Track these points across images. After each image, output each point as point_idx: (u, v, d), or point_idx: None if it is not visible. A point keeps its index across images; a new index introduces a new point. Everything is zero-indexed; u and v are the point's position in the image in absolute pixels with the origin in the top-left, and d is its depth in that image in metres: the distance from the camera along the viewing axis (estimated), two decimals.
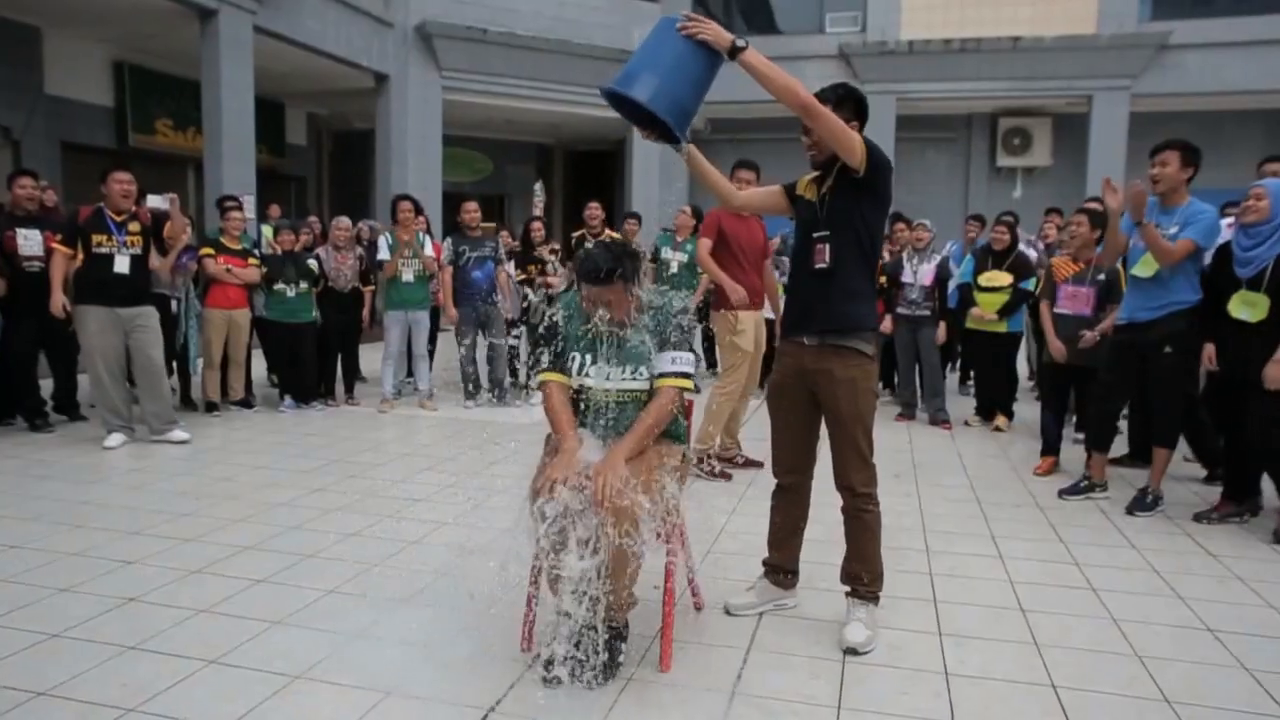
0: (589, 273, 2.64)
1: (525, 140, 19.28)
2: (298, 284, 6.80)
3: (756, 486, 4.92)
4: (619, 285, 2.64)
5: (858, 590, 2.99)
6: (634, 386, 2.75)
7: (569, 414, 2.76)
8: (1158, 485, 4.60)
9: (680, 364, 2.73)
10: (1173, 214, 4.40)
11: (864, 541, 2.99)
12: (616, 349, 2.74)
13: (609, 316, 2.67)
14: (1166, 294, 4.40)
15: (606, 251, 2.66)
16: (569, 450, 2.64)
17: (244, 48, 10.67)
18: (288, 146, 15.70)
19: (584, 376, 2.76)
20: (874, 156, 2.81)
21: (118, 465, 5.16)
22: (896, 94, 14.88)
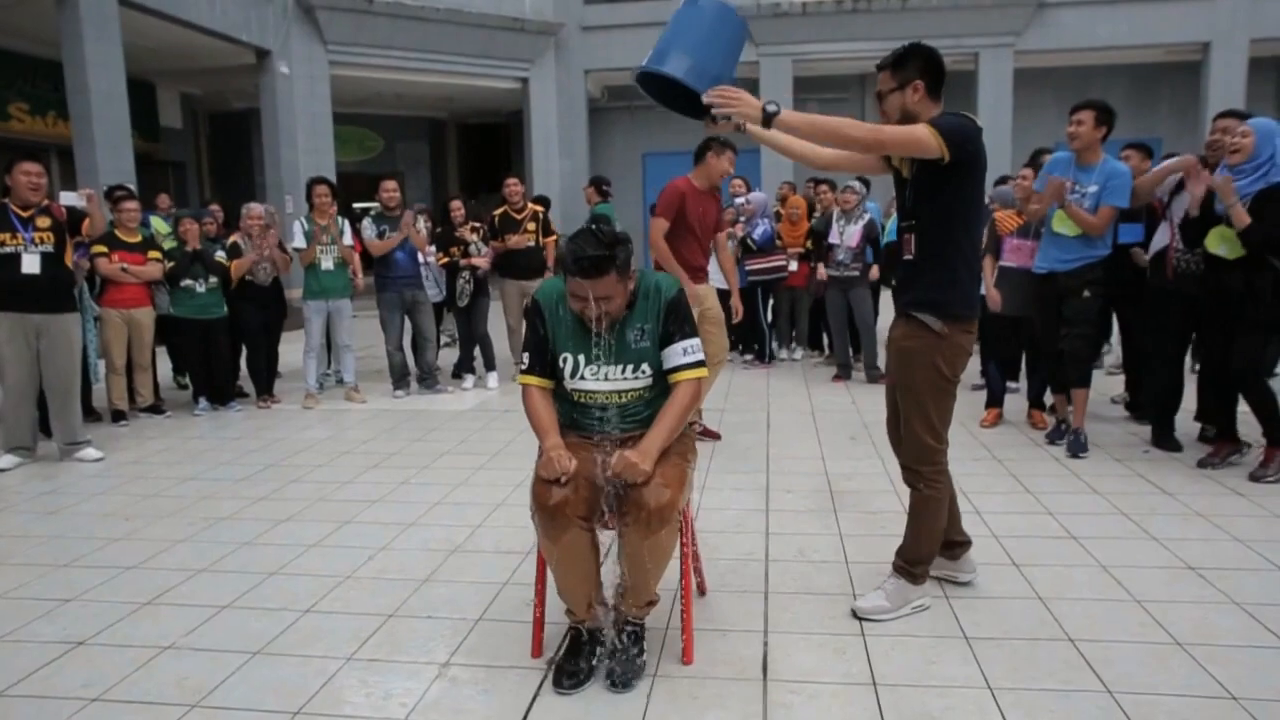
0: (580, 265, 2.35)
1: (417, 115, 18.65)
2: (207, 279, 6.32)
3: (720, 459, 4.86)
4: (613, 277, 2.38)
5: (895, 562, 2.93)
6: (635, 385, 2.56)
7: (550, 415, 2.59)
8: (1081, 423, 4.78)
9: (692, 353, 2.54)
10: (1090, 172, 4.61)
11: (911, 518, 2.91)
12: (611, 346, 2.52)
13: (602, 313, 2.43)
14: (1088, 248, 4.67)
15: (595, 239, 2.37)
16: (552, 446, 2.48)
17: (110, 22, 9.85)
18: (162, 130, 14.71)
19: (579, 380, 2.56)
20: (953, 138, 2.59)
21: (24, 489, 4.68)
22: (792, 56, 14.98)
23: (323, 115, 13.68)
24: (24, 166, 4.96)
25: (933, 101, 2.75)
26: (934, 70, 2.75)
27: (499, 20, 14.54)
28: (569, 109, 15.83)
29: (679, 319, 2.55)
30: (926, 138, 2.59)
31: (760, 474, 4.56)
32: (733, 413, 6.10)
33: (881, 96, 2.82)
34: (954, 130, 2.61)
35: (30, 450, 5.16)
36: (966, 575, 3.05)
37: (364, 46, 13.72)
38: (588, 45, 15.59)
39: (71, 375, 5.16)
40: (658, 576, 2.52)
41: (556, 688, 2.45)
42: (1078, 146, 4.61)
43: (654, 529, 2.39)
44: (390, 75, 14.61)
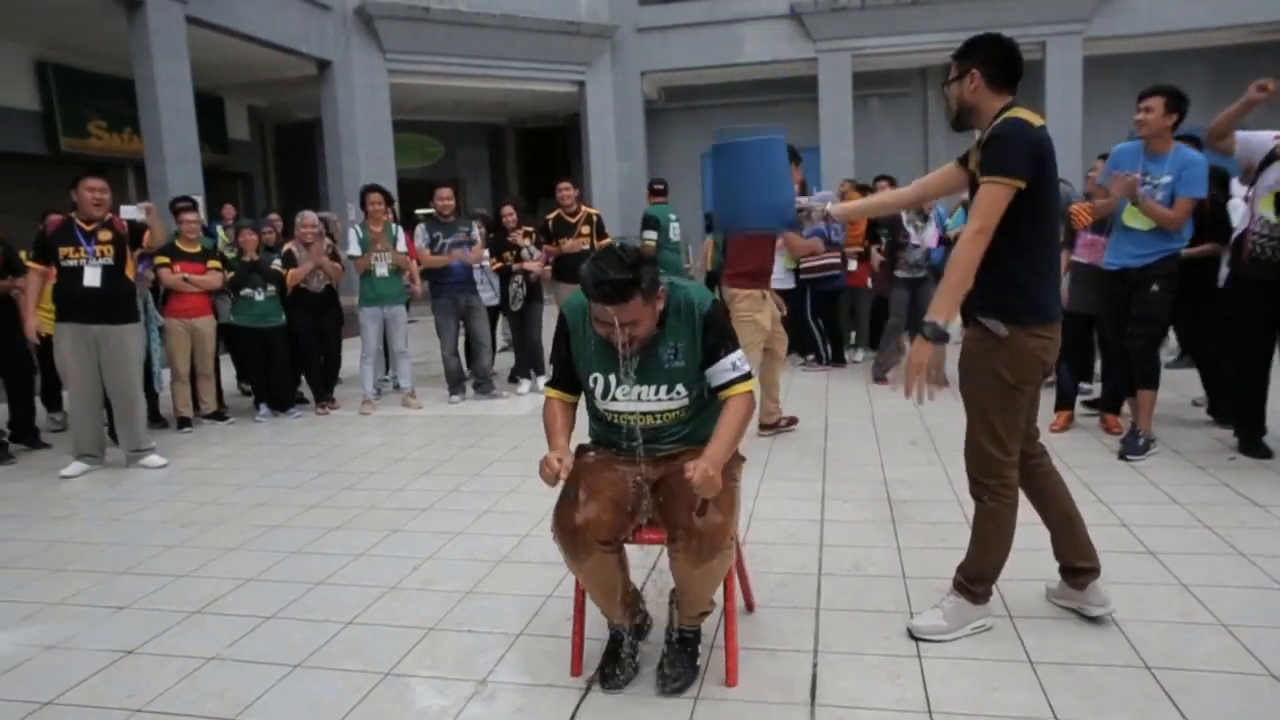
0: (601, 290, 2.20)
1: (475, 121, 18.79)
2: (265, 287, 6.42)
3: (775, 467, 4.73)
4: (638, 301, 2.23)
5: (955, 579, 2.77)
6: (670, 406, 2.44)
7: (562, 423, 2.52)
8: (1148, 427, 4.53)
9: (740, 367, 2.41)
10: (1161, 162, 4.40)
11: (974, 532, 2.74)
12: (641, 365, 2.39)
13: (629, 339, 2.29)
14: (1162, 242, 4.45)
15: (617, 260, 2.21)
16: (553, 449, 2.42)
17: (177, 40, 10.12)
18: (230, 142, 15.09)
19: (611, 401, 2.45)
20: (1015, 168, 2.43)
21: (91, 497, 4.80)
22: (851, 51, 14.68)
23: (383, 123, 13.88)
24: (88, 183, 5.09)
25: (995, 93, 2.57)
26: (996, 60, 2.56)
27: (554, 24, 14.57)
28: (626, 111, 15.78)
29: (719, 333, 2.40)
30: (999, 195, 2.43)
31: (815, 482, 4.41)
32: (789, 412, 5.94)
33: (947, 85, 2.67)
34: (1010, 159, 2.43)
35: (97, 457, 5.29)
36: (1098, 608, 2.71)
37: (422, 54, 13.87)
38: (643, 47, 15.53)
39: (132, 384, 5.27)
40: (712, 591, 2.44)
41: (603, 687, 2.46)
42: (1145, 134, 4.41)
43: (705, 557, 2.30)
44: (448, 82, 14.74)
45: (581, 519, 2.30)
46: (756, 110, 16.28)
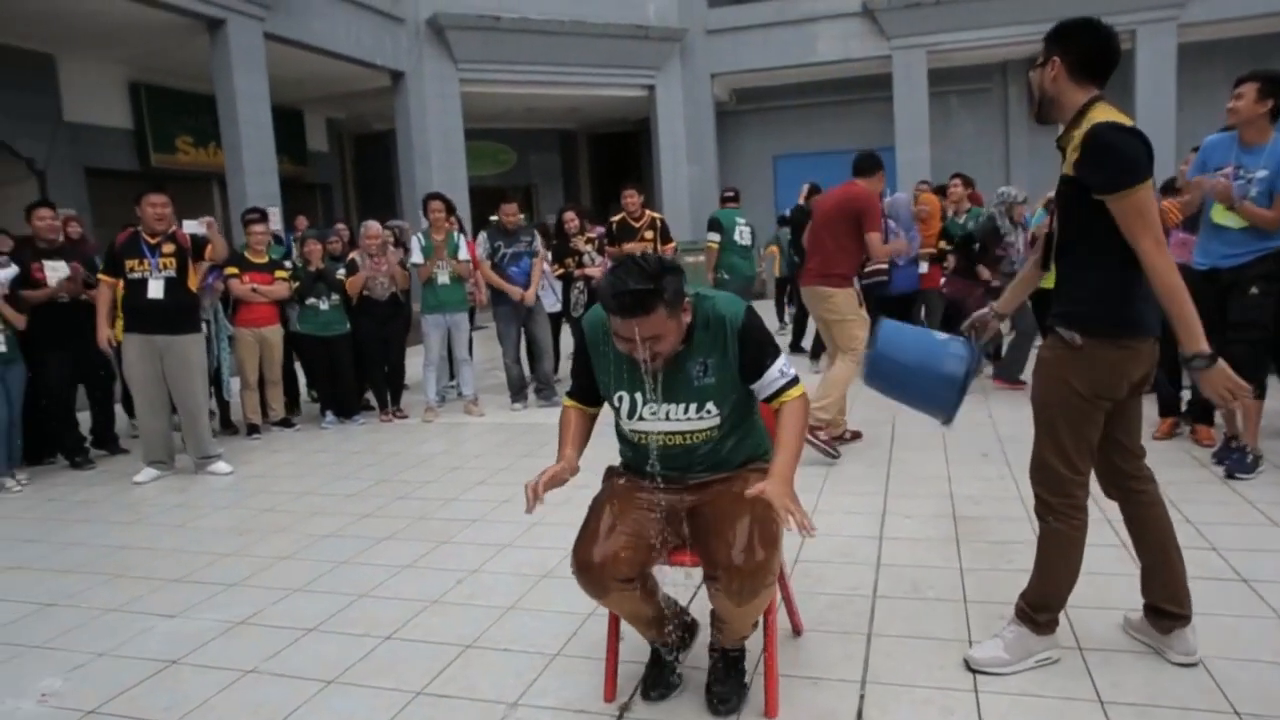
0: (620, 302, 2.01)
1: (547, 127, 18.93)
2: (329, 296, 6.52)
3: (835, 479, 4.55)
4: (661, 314, 2.04)
5: (1017, 604, 2.58)
6: (701, 426, 2.27)
7: (575, 432, 2.39)
8: (1255, 442, 4.20)
9: (788, 371, 2.25)
10: (1257, 154, 4.13)
11: (1037, 555, 2.54)
12: (668, 383, 2.22)
13: (652, 355, 2.11)
14: (1257, 240, 4.15)
15: (638, 270, 2.02)
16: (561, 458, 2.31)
17: (256, 56, 10.43)
18: (309, 154, 15.51)
19: (638, 420, 2.28)
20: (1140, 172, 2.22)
21: (159, 502, 4.92)
22: (927, 47, 14.27)
23: (455, 132, 14.07)
24: (150, 199, 5.25)
25: (1077, 85, 2.36)
26: (1081, 48, 2.34)
27: (623, 29, 14.57)
28: (696, 114, 15.67)
29: (758, 344, 2.23)
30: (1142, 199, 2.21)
31: (877, 496, 4.22)
32: (854, 423, 5.74)
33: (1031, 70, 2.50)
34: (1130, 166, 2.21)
35: (167, 464, 5.43)
36: (1181, 656, 2.47)
37: (493, 63, 14.02)
38: (713, 49, 15.40)
39: (194, 393, 5.39)
40: (755, 619, 2.32)
41: (645, 698, 2.41)
42: (1236, 123, 4.12)
43: (748, 597, 2.17)
44: (519, 90, 14.88)
45: (599, 556, 2.19)
46: (829, 110, 15.99)
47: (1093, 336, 2.36)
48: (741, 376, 2.25)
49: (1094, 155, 2.24)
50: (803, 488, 4.26)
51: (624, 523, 2.26)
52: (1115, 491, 2.58)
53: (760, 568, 2.13)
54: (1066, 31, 2.38)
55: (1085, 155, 2.26)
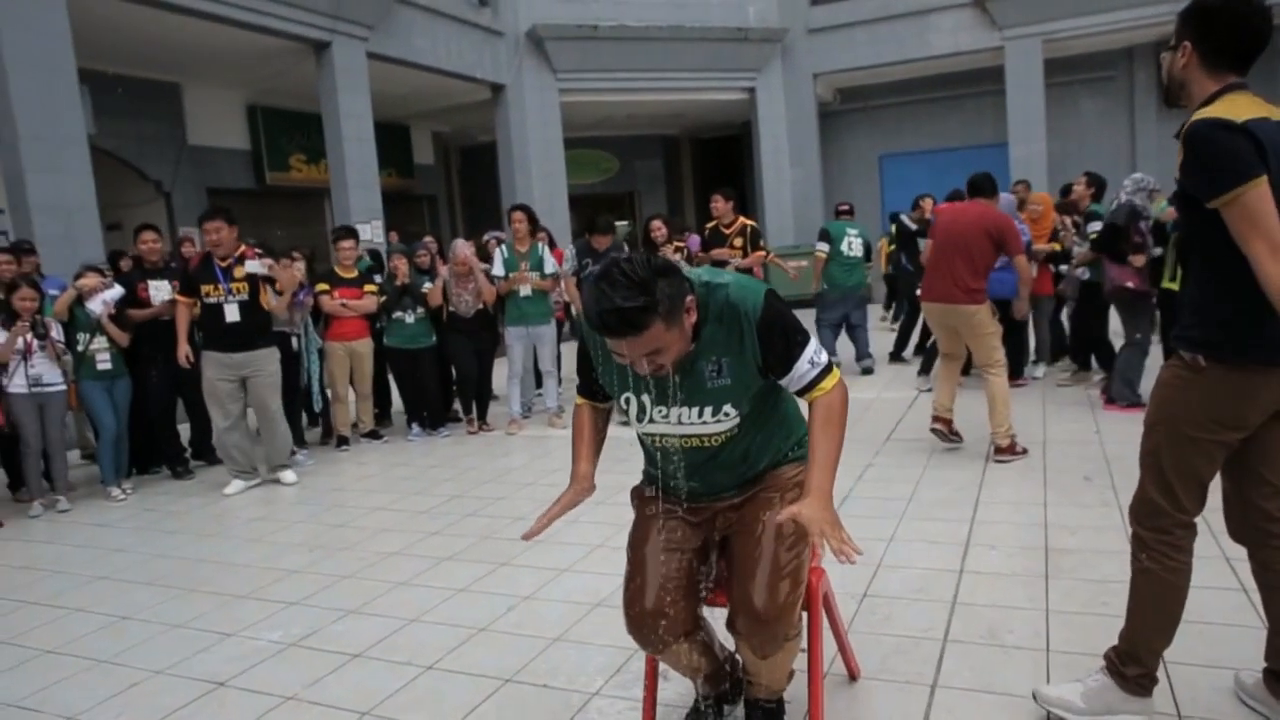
0: (605, 323, 1.73)
1: (649, 134, 18.89)
2: (414, 310, 6.61)
3: (918, 504, 4.25)
4: (658, 328, 1.74)
5: (1106, 653, 2.30)
6: (719, 429, 2.01)
7: (589, 436, 2.20)
8: None
9: (819, 359, 1.96)
10: None
11: (1129, 598, 2.27)
12: (678, 387, 1.97)
13: (658, 367, 1.85)
14: None
15: (624, 280, 1.70)
16: (577, 481, 2.16)
17: (359, 75, 10.75)
18: (416, 167, 15.94)
19: (649, 424, 2.04)
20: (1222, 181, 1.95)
21: (241, 515, 5.07)
22: (1042, 36, 13.46)
23: (554, 142, 14.18)
24: (206, 225, 5.45)
25: (1209, 73, 2.07)
26: (1216, 33, 2.04)
27: (722, 32, 14.37)
28: (798, 115, 15.31)
29: (784, 334, 1.93)
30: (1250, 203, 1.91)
31: (962, 524, 3.91)
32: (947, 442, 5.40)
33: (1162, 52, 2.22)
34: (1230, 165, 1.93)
35: (250, 473, 5.62)
36: None
37: (591, 71, 14.06)
38: (816, 48, 14.99)
39: (268, 405, 5.56)
40: (784, 673, 2.16)
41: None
42: None
43: (768, 649, 2.02)
44: (619, 97, 14.87)
45: (652, 613, 2.05)
46: (938, 107, 15.33)
47: (1217, 361, 2.06)
48: (766, 372, 1.97)
49: (1192, 156, 1.98)
50: (882, 513, 4.06)
51: (667, 567, 2.09)
52: (1248, 534, 2.24)
53: (783, 613, 1.95)
54: (1202, 11, 2.07)
55: (1185, 156, 2.00)
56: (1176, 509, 2.15)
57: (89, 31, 8.57)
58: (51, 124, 7.45)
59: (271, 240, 12.49)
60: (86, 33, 8.45)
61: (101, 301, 5.48)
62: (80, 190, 7.66)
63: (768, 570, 1.98)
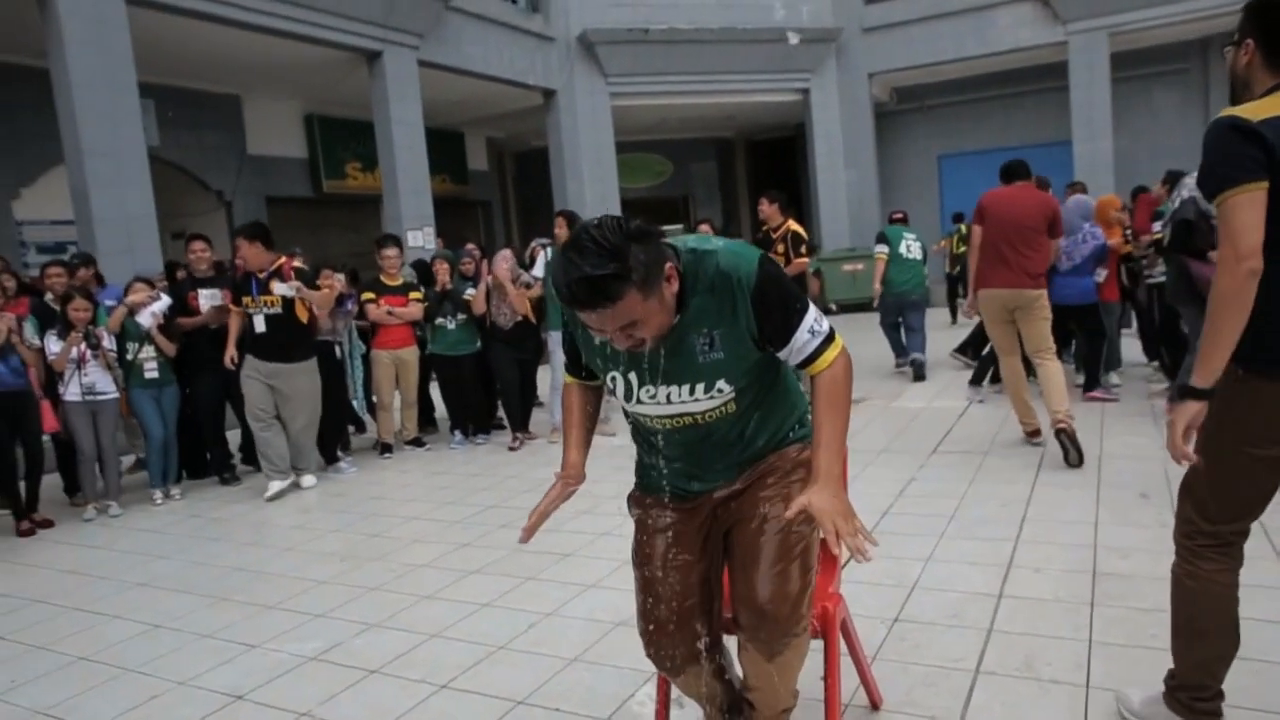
0: (574, 294, 1.58)
1: (703, 136, 18.80)
2: (455, 316, 6.63)
3: (960, 521, 4.08)
4: (634, 298, 1.59)
5: (1165, 676, 2.22)
6: (713, 405, 1.84)
7: (579, 418, 2.06)
8: None
9: (820, 328, 1.80)
10: None
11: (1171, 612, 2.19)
12: (664, 361, 1.81)
13: (638, 342, 1.70)
14: None
15: (594, 247, 1.55)
16: (566, 470, 2.04)
17: (410, 83, 10.88)
18: (470, 173, 16.10)
19: (636, 404, 1.88)
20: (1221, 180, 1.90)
21: (280, 523, 5.12)
22: (1109, 29, 12.99)
23: (606, 146, 14.18)
24: (236, 243, 5.70)
25: (1271, 73, 1.96)
26: (1276, 29, 1.95)
27: (774, 33, 14.21)
28: (853, 116, 15.05)
29: (782, 301, 1.77)
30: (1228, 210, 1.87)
31: (1006, 543, 3.73)
32: (997, 454, 5.19)
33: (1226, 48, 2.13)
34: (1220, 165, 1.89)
35: (286, 473, 5.76)
36: None
37: (643, 75, 14.02)
38: (871, 47, 14.73)
39: (298, 417, 5.75)
40: (791, 685, 2.03)
41: None
42: None
43: (777, 648, 1.90)
44: (671, 100, 14.82)
45: (667, 628, 1.95)
46: (998, 105, 14.93)
47: (1251, 370, 1.94)
48: (762, 344, 1.81)
49: (1202, 153, 1.91)
50: (922, 531, 3.90)
51: (680, 581, 1.96)
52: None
53: (789, 611, 1.85)
54: (1264, 7, 1.96)
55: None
56: (1207, 522, 2.07)
57: (153, 47, 8.83)
58: (114, 139, 7.69)
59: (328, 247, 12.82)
60: (151, 49, 8.72)
61: (150, 314, 5.61)
62: (140, 202, 7.88)
63: (772, 557, 1.86)
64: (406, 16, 10.59)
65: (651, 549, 2.02)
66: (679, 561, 1.98)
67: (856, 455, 5.40)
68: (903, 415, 6.53)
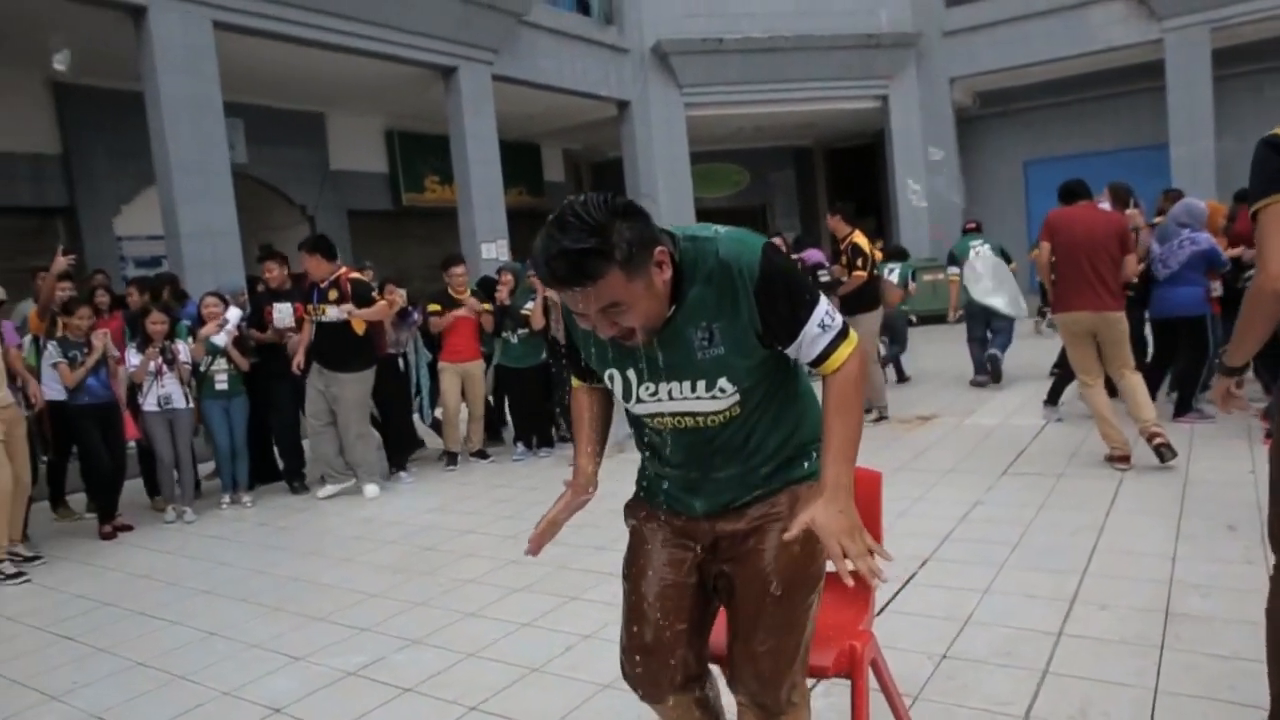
0: (552, 270, 1.49)
1: (780, 145, 18.61)
2: (515, 330, 6.68)
3: (1024, 551, 3.87)
4: (617, 276, 1.49)
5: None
6: (715, 407, 1.71)
7: (588, 419, 1.95)
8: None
9: (832, 323, 1.66)
10: None
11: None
12: (661, 356, 1.69)
13: (627, 332, 1.59)
14: None
15: (576, 221, 1.47)
16: (575, 479, 1.96)
17: (485, 98, 11.06)
18: (546, 184, 16.29)
19: (636, 403, 1.76)
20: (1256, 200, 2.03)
21: (340, 533, 5.22)
22: (1211, 23, 12.32)
23: (680, 157, 14.15)
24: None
25: None
26: None
27: (852, 39, 13.96)
28: (934, 122, 14.67)
29: (789, 292, 1.63)
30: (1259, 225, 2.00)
31: (1071, 576, 3.51)
32: (1072, 476, 4.93)
33: None
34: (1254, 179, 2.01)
35: (341, 477, 5.98)
36: None
37: (718, 85, 13.96)
38: (952, 51, 14.33)
39: (351, 425, 5.94)
40: None
41: None
42: None
43: (777, 713, 1.82)
44: (747, 110, 14.71)
45: (652, 649, 1.83)
46: (1089, 107, 14.33)
47: None
48: (768, 340, 1.67)
49: None
50: (981, 559, 3.72)
51: (671, 600, 1.84)
52: None
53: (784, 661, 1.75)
54: None
55: None
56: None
57: (242, 69, 9.22)
58: (200, 157, 8.03)
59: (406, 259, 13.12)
60: (240, 71, 9.10)
61: (225, 333, 5.83)
62: (224, 217, 8.21)
63: (775, 628, 1.76)
64: (481, 33, 10.77)
65: (643, 565, 1.89)
66: (670, 582, 1.85)
67: (920, 475, 5.27)
68: (975, 433, 6.27)
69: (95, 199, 9.97)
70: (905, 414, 7.09)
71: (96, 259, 9.69)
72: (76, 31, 8.11)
